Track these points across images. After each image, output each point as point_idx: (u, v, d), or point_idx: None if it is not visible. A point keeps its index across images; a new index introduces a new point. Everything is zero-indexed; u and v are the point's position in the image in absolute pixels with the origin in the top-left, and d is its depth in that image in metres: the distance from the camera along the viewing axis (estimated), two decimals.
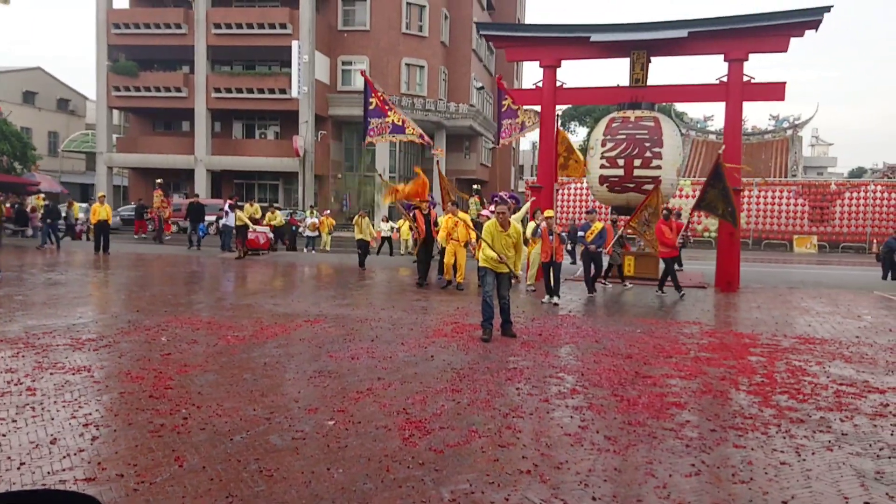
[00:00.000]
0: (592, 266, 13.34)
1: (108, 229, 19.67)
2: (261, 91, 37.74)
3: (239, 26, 37.07)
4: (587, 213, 14.33)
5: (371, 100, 13.19)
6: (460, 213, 13.09)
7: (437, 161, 19.97)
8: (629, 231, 14.45)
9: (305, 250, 22.42)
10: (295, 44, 35.61)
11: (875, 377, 6.91)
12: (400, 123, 13.30)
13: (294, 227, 24.18)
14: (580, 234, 13.63)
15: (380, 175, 16.08)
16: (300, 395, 5.70)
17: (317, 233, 23.38)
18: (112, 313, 9.50)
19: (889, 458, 4.58)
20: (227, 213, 21.41)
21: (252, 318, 9.38)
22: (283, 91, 36.92)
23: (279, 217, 21.44)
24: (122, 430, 4.73)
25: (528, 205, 14.60)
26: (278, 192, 41.18)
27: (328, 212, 25.67)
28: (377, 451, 4.43)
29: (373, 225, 14.41)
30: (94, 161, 41.29)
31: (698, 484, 4.07)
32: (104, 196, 21.29)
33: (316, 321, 9.20)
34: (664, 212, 13.67)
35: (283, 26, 36.49)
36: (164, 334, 8.04)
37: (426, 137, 13.38)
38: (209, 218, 24.02)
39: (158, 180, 27.18)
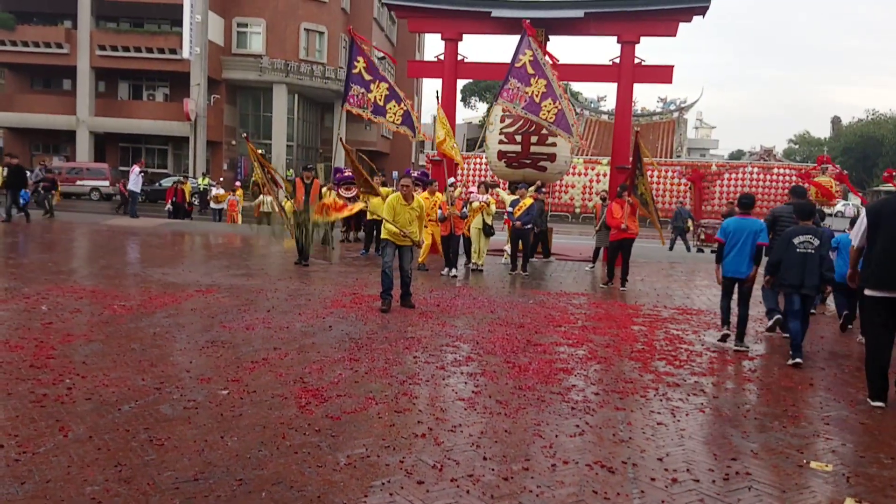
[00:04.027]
0: (520, 243, 12.59)
1: None
2: (149, 50, 35.92)
3: None
4: (519, 187, 13.01)
5: (356, 63, 11.38)
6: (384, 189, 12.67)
7: (340, 137, 19.40)
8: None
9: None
10: (187, 2, 33.97)
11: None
12: (381, 102, 11.36)
13: (186, 201, 22.64)
14: (508, 209, 12.59)
15: (245, 136, 13.62)
16: (192, 365, 5.59)
17: (222, 205, 22.20)
18: None
19: (755, 418, 5.00)
20: (134, 177, 20.42)
21: (139, 287, 9.04)
22: (173, 51, 35.28)
23: None
24: (1, 401, 4.50)
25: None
26: (167, 158, 39.47)
27: (238, 183, 24.15)
28: (273, 420, 4.43)
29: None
30: None
31: (582, 443, 4.32)
32: None
33: (208, 291, 8.98)
34: (618, 188, 12.41)
35: None
36: (45, 303, 7.64)
37: (413, 122, 11.17)
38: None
39: None
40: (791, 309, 6.76)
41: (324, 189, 12.75)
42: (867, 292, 5.58)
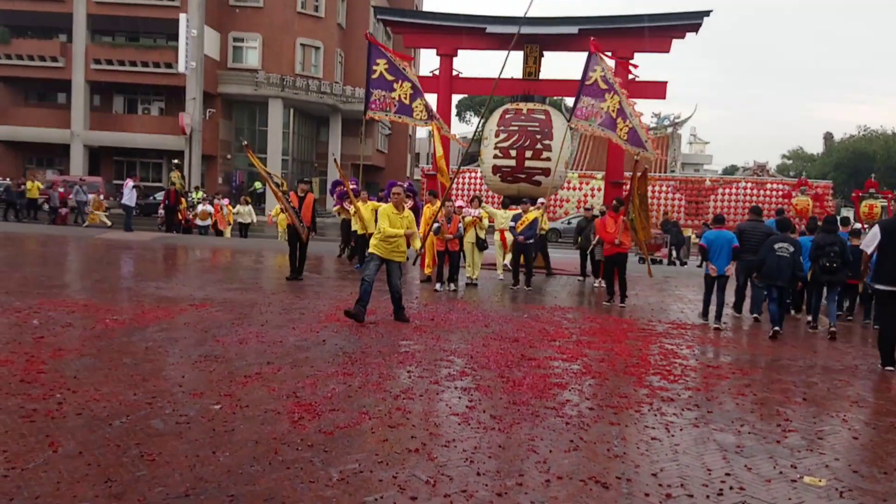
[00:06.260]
0: (522, 257, 12.53)
1: None
2: (145, 64, 36.01)
3: None
4: (522, 202, 12.99)
5: (375, 67, 11.05)
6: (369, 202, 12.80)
7: (333, 155, 19.40)
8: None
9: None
10: (183, 17, 34.14)
11: (738, 360, 7.49)
12: (407, 101, 11.01)
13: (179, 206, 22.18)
14: (511, 224, 12.48)
15: (245, 145, 13.16)
16: (184, 379, 5.56)
17: (209, 221, 21.12)
18: None
19: (749, 433, 4.99)
20: (128, 191, 20.49)
21: (132, 301, 9.01)
22: (168, 65, 35.39)
23: None
24: None
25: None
26: (162, 172, 39.45)
27: (227, 200, 22.96)
28: (265, 435, 4.40)
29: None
30: None
31: (576, 458, 4.30)
32: None
33: (202, 305, 8.94)
34: (614, 202, 12.14)
35: None
36: (36, 317, 7.59)
37: (436, 116, 10.65)
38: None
39: None
40: (770, 297, 9.07)
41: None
42: (879, 287, 7.30)
